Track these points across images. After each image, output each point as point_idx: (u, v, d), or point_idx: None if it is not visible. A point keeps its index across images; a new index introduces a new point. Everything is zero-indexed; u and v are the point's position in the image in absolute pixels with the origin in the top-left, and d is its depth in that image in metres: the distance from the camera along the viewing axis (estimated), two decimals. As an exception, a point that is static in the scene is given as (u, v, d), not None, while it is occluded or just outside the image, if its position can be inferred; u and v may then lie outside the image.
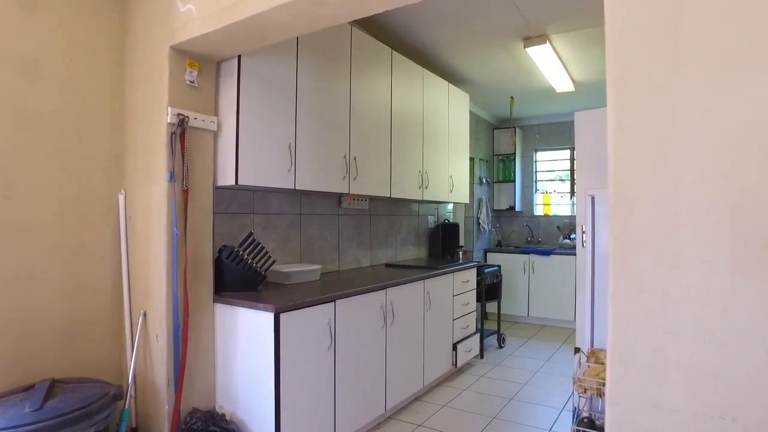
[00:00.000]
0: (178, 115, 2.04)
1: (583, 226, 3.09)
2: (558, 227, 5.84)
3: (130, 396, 2.08)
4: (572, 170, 6.05)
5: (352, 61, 2.98)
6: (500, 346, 4.59)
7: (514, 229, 6.30)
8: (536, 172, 6.29)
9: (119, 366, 2.22)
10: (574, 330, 5.39)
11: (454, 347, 3.67)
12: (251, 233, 2.36)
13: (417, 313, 3.16)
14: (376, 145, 3.22)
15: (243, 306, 2.15)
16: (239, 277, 2.33)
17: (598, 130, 3.01)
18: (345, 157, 2.91)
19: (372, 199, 3.70)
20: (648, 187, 1.09)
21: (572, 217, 5.94)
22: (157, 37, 2.09)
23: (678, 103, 1.05)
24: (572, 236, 5.51)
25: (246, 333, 2.16)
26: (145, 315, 2.14)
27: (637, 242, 1.10)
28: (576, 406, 2.30)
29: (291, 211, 2.98)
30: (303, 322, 2.19)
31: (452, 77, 4.46)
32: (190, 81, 2.12)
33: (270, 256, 2.42)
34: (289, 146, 2.49)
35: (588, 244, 2.33)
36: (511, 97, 5.06)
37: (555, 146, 6.09)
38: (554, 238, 5.97)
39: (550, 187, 6.24)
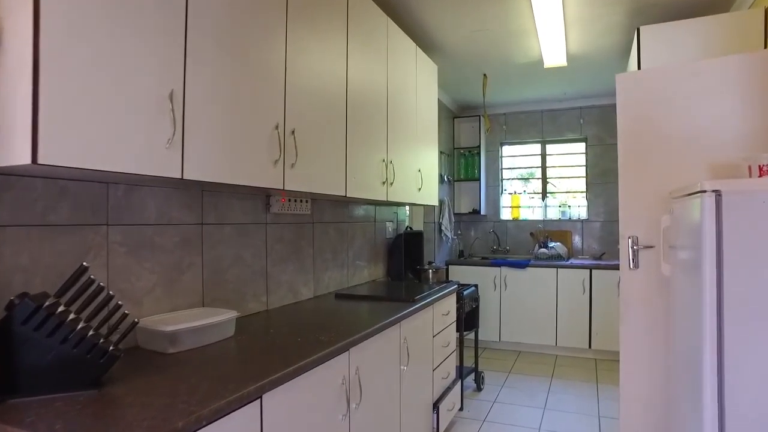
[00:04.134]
0: None
1: (633, 238, 2.15)
2: (531, 234, 4.99)
3: None
4: (544, 167, 5.24)
5: (289, -25, 1.82)
6: (479, 388, 3.60)
7: (477, 237, 5.39)
8: (502, 169, 5.41)
9: None
10: (557, 357, 4.57)
11: (435, 407, 2.61)
12: (83, 268, 1.14)
13: (392, 375, 2.06)
14: (325, 115, 2.08)
15: (43, 444, 0.93)
16: (57, 363, 1.10)
17: (662, 96, 2.08)
18: (277, 128, 1.74)
19: (314, 199, 2.55)
20: None
21: (546, 222, 5.12)
22: None
23: None
24: (550, 245, 4.67)
25: (52, 504, 0.94)
26: None
27: None
28: None
29: (185, 219, 1.77)
30: (190, 463, 1.01)
31: (419, 40, 3.42)
32: None
33: (126, 313, 1.20)
34: (170, 96, 1.30)
35: (709, 267, 1.34)
36: (484, 75, 4.11)
37: (525, 139, 5.24)
38: (525, 247, 5.12)
39: (519, 186, 5.39)
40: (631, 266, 2.10)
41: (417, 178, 3.16)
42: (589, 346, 4.33)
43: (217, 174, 1.47)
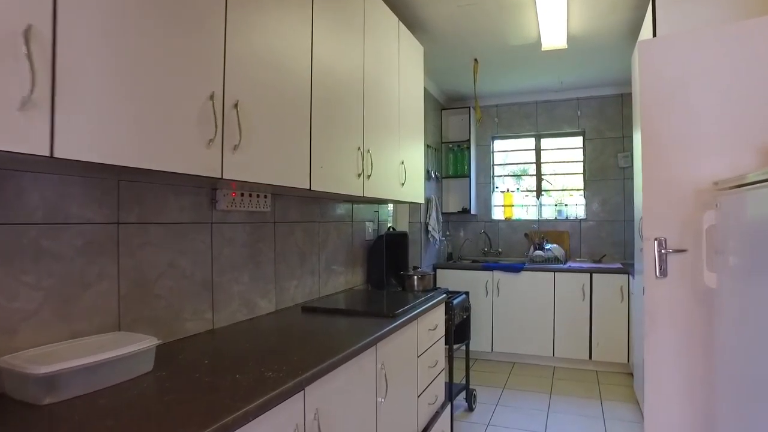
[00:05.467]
0: None
1: (660, 241, 1.77)
2: (526, 235, 4.62)
3: None
4: (538, 163, 4.88)
5: None
6: (471, 408, 3.21)
7: (467, 238, 5.01)
8: (494, 165, 5.04)
9: None
10: (554, 369, 4.20)
11: (420, 440, 2.21)
12: None
13: (365, 411, 1.65)
14: (283, 88, 1.67)
15: None
16: None
17: (695, 67, 1.71)
18: (212, 98, 1.33)
19: (276, 195, 2.14)
20: None
21: (541, 222, 4.76)
22: None
23: None
24: (546, 246, 4.31)
25: None
26: None
27: None
28: None
29: (92, 216, 1.35)
30: None
31: (401, 17, 3.03)
32: None
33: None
34: (26, 33, 0.88)
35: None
36: (475, 60, 3.73)
37: (518, 133, 4.88)
38: (519, 249, 4.75)
39: (512, 184, 5.02)
40: (658, 274, 1.72)
41: (400, 171, 2.77)
42: (590, 357, 3.96)
43: (112, 153, 1.05)
